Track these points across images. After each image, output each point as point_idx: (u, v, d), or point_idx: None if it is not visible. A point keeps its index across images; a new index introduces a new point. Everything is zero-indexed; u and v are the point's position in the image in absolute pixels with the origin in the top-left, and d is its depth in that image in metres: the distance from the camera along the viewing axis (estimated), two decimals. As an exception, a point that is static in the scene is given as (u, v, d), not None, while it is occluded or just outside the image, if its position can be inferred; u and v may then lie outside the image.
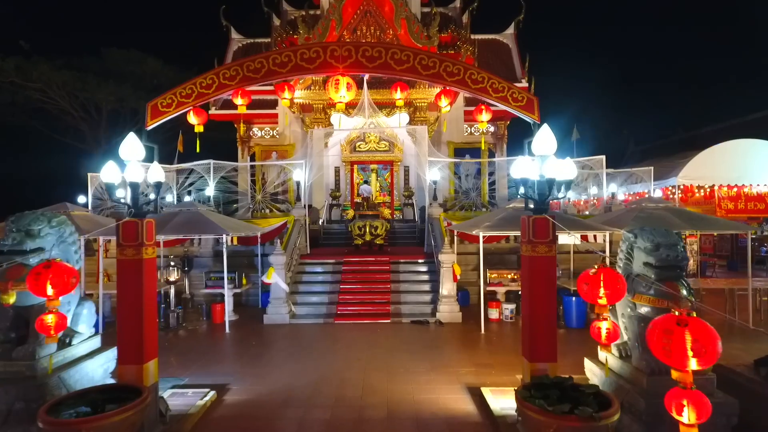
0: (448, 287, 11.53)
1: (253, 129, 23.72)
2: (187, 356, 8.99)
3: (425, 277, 13.23)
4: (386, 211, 16.42)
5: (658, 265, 5.39)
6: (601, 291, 4.08)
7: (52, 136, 34.12)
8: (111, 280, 14.32)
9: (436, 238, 13.43)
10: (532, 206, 5.66)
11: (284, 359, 8.73)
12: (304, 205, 14.71)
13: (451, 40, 20.93)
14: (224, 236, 10.79)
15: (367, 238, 15.45)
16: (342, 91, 6.21)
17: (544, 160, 5.28)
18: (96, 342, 6.48)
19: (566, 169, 5.17)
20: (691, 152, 18.74)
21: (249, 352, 9.28)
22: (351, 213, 16.34)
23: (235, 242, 12.21)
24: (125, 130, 36.05)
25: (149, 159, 5.80)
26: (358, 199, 20.41)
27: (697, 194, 17.97)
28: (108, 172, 5.18)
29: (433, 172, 14.59)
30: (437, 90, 19.67)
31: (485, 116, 8.57)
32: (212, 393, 6.80)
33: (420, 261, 13.84)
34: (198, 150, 9.38)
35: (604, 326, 4.33)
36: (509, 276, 12.11)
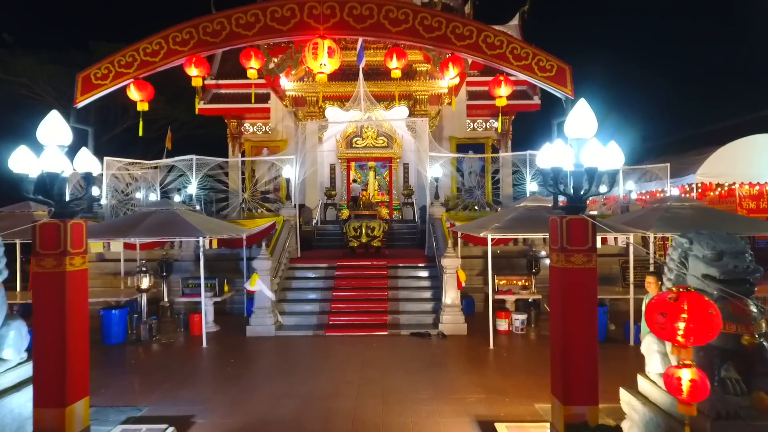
0: (451, 295, 10.37)
1: (245, 124, 22.52)
2: (152, 377, 7.82)
3: (426, 283, 12.07)
4: (384, 211, 15.27)
5: (723, 278, 4.21)
6: (683, 325, 2.90)
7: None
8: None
9: (438, 240, 12.27)
10: (560, 204, 4.49)
11: (264, 382, 7.56)
12: (295, 204, 13.53)
13: (453, 30, 19.72)
14: (201, 239, 9.62)
15: (364, 239, 14.29)
16: (323, 58, 5.04)
17: (581, 144, 4.11)
18: (27, 370, 5.30)
19: (612, 155, 4.00)
20: (708, 148, 17.57)
21: (225, 371, 8.11)
22: (346, 213, 15.19)
23: (214, 245, 11.05)
24: (115, 128, 35.04)
25: (82, 144, 4.62)
26: (356, 194, 19.27)
27: (714, 193, 16.82)
28: (18, 160, 4.01)
29: (435, 169, 13.45)
30: (439, 81, 18.57)
31: (504, 90, 7.23)
32: (170, 431, 5.63)
33: (420, 265, 12.68)
34: (141, 134, 8.19)
35: (686, 376, 3.09)
36: (519, 283, 10.95)
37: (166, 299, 12.28)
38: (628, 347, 9.31)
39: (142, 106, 5.85)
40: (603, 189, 4.16)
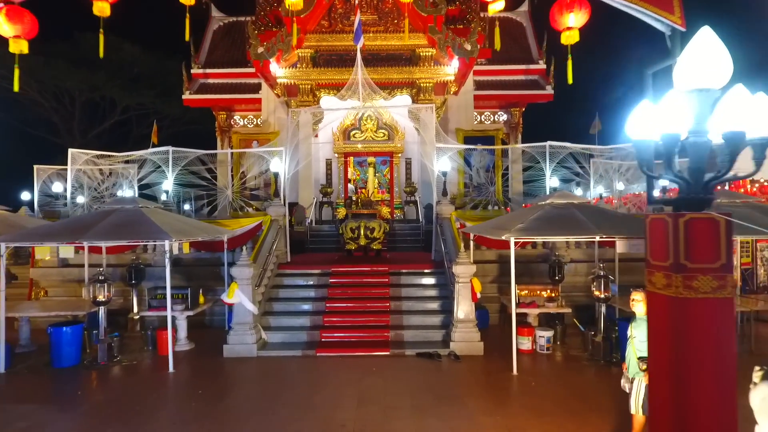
0: (465, 308, 8.81)
1: (235, 117, 20.99)
2: (97, 415, 6.26)
3: (433, 292, 10.51)
4: (385, 210, 13.71)
5: None
6: None
7: (25, 129, 31.34)
8: (40, 297, 11.64)
9: (447, 243, 10.70)
10: (656, 195, 2.95)
11: (235, 424, 6.00)
12: (284, 202, 11.96)
13: (459, 14, 18.19)
14: (168, 243, 8.05)
15: (362, 242, 12.73)
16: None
17: (709, 98, 2.55)
18: None
19: (763, 113, 2.44)
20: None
21: (189, 408, 6.55)
22: (343, 212, 13.64)
23: (185, 249, 9.50)
24: (104, 123, 33.42)
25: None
26: (353, 194, 17.68)
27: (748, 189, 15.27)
28: None
29: (443, 162, 11.89)
30: (445, 68, 16.99)
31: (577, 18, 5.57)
32: None
33: (426, 271, 11.12)
34: (16, 89, 6.61)
35: None
36: (544, 293, 9.38)
37: (136, 311, 10.71)
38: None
39: (19, 47, 4.23)
40: (747, 168, 2.61)
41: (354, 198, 15.77)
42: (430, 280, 10.88)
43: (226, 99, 19.78)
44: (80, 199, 14.32)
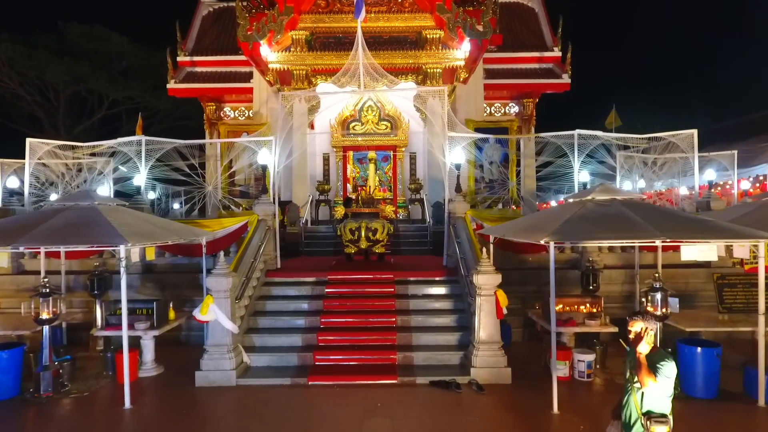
0: (489, 327, 7.28)
1: (225, 109, 19.46)
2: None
3: (447, 304, 8.98)
4: (388, 209, 12.19)
5: None
6: None
7: (7, 125, 29.73)
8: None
9: (463, 247, 9.17)
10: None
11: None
12: (274, 199, 10.40)
13: (470, -5, 16.63)
14: (122, 248, 6.49)
15: (363, 245, 11.22)
16: None
17: None
18: None
19: None
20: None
21: (138, 467, 5.01)
22: (341, 211, 12.12)
23: (150, 256, 7.95)
24: (92, 117, 31.73)
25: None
26: (352, 194, 16.14)
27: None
28: None
29: (456, 153, 10.35)
30: (454, 52, 15.42)
31: None
32: None
33: (438, 279, 9.60)
34: None
35: None
36: (583, 308, 7.83)
37: (99, 326, 9.15)
38: (757, 408, 6.25)
39: None
40: None
41: (354, 196, 14.25)
42: (442, 290, 9.35)
43: (215, 89, 18.27)
44: (53, 197, 12.80)
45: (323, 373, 7.39)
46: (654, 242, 6.55)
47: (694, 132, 10.36)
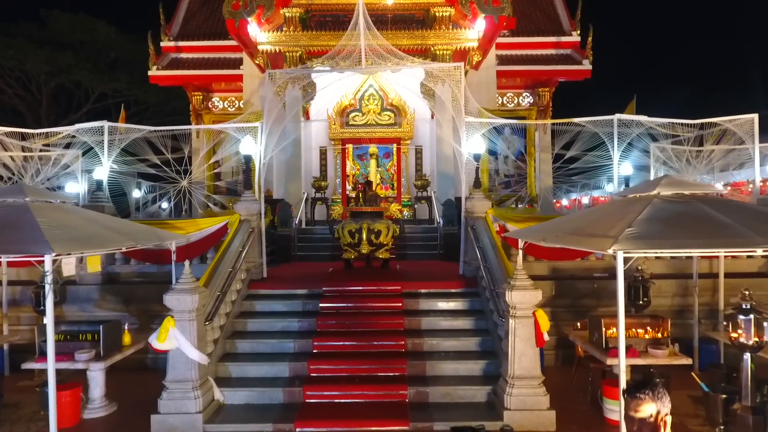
0: (526, 359, 5.71)
1: (213, 99, 17.89)
2: None
3: (468, 322, 7.42)
4: (394, 208, 10.62)
5: None
6: None
7: (-13, 120, 28.15)
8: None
9: (486, 254, 7.59)
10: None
11: None
12: (259, 196, 8.81)
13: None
14: (47, 257, 4.91)
15: (364, 249, 9.65)
16: None
17: None
18: None
19: None
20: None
21: None
22: (339, 210, 10.54)
23: (94, 268, 6.36)
24: (79, 110, 30.05)
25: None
26: (351, 193, 14.59)
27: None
28: None
29: (475, 142, 8.79)
30: (466, 32, 13.80)
31: None
32: None
33: (455, 292, 8.04)
34: None
35: None
36: (644, 332, 6.22)
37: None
38: None
39: None
40: None
41: (353, 194, 12.69)
42: (460, 305, 7.79)
43: (201, 76, 16.68)
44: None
45: (315, 415, 5.82)
46: (755, 251, 5.00)
47: (755, 117, 8.80)
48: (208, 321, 6.26)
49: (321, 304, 7.70)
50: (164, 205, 15.19)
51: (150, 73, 16.46)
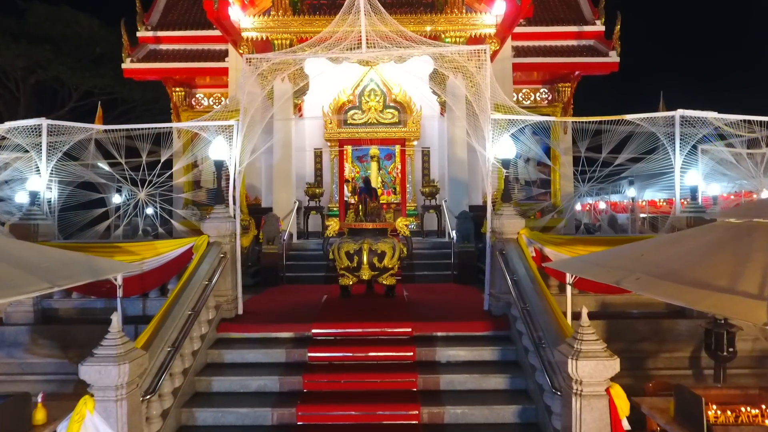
0: (598, 458, 3.96)
1: (197, 95, 16.19)
2: None
3: (500, 381, 5.67)
4: (401, 222, 8.88)
5: None
6: None
7: (-35, 119, 26.41)
8: None
9: (523, 289, 5.84)
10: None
11: None
12: (234, 213, 7.06)
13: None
14: None
15: (365, 275, 7.92)
16: None
17: None
18: None
19: None
20: None
21: None
22: (335, 225, 8.82)
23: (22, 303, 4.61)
24: (63, 108, 28.19)
25: None
26: (351, 198, 12.84)
27: None
28: None
29: (505, 144, 7.04)
30: (482, 16, 11.90)
31: None
32: None
33: (480, 335, 6.31)
34: None
35: None
36: (756, 412, 4.48)
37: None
38: None
39: None
40: None
41: (352, 202, 10.96)
42: (488, 354, 6.06)
43: (182, 69, 14.95)
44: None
45: None
46: None
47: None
48: (148, 394, 4.52)
49: (309, 354, 5.97)
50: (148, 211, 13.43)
51: (124, 66, 14.77)
